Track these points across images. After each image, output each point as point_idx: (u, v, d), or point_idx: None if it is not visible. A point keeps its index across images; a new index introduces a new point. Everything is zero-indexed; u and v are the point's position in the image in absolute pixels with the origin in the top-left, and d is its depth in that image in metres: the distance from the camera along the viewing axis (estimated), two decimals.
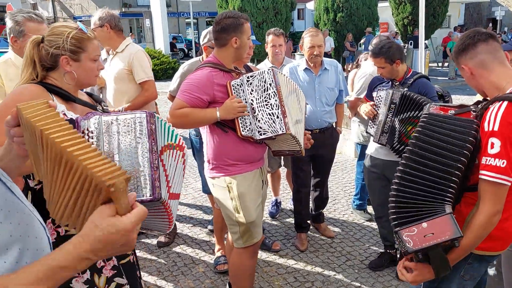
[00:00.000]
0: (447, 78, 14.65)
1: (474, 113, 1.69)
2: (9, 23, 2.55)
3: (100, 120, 1.55)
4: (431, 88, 2.95)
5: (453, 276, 1.75)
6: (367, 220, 4.11)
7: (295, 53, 14.40)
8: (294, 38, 21.09)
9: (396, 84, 2.97)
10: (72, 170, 0.79)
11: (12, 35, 2.58)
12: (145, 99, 3.21)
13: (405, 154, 1.70)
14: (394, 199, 1.66)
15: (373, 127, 2.99)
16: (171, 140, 1.72)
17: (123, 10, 33.25)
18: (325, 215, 4.03)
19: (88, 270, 1.66)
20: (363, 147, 4.05)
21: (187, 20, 35.61)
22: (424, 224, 1.54)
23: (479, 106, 1.69)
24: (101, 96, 3.41)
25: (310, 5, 21.73)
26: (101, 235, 0.79)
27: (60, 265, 0.78)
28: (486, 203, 1.55)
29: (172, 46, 21.63)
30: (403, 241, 1.56)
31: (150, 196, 1.53)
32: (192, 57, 18.30)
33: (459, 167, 1.56)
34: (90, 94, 1.87)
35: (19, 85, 1.65)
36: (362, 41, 15.82)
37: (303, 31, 3.66)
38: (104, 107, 1.82)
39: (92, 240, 0.79)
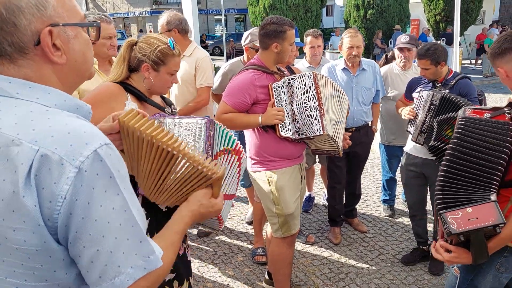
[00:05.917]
0: (481, 76, 14.36)
1: (509, 115, 1.74)
2: None
3: (164, 122, 1.68)
4: (473, 89, 3.01)
5: (488, 268, 1.86)
6: (388, 216, 4.21)
7: (324, 50, 14.40)
8: (323, 35, 21.02)
9: (438, 85, 3.03)
10: (186, 165, 1.00)
11: None
12: (196, 104, 3.30)
13: (447, 153, 1.77)
14: (441, 183, 1.71)
15: (412, 126, 3.07)
16: (228, 145, 1.82)
17: (154, 7, 33.82)
18: (357, 210, 4.15)
19: None
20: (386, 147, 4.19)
21: (216, 17, 35.96)
22: (469, 209, 1.60)
23: None
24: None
25: (339, 1, 21.62)
26: (203, 211, 1.05)
27: (184, 230, 1.04)
28: None
29: (202, 42, 22.02)
30: (447, 223, 1.62)
31: None
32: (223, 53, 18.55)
33: (501, 163, 1.64)
34: (163, 97, 2.04)
35: (107, 81, 1.86)
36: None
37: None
38: (173, 110, 1.99)
39: (196, 214, 1.05)
